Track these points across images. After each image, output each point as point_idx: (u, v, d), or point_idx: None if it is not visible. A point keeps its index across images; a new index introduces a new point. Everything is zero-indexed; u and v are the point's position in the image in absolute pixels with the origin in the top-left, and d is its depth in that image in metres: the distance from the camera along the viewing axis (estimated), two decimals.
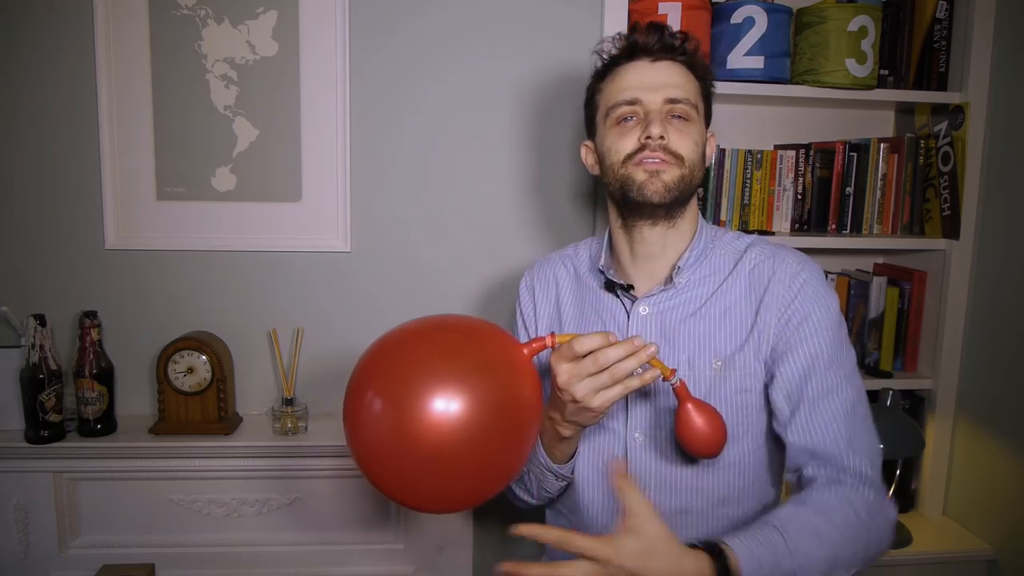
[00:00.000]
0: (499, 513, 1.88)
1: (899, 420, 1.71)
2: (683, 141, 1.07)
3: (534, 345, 0.95)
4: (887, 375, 1.84)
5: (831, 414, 1.02)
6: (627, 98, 1.07)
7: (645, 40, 1.07)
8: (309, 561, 1.64)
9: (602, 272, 1.15)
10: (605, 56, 1.13)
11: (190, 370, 1.62)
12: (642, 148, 1.06)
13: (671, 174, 1.06)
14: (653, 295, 1.12)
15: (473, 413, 0.85)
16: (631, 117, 1.08)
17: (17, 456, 1.56)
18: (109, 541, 1.62)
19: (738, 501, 1.10)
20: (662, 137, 1.04)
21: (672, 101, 1.06)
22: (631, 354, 0.91)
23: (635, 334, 1.10)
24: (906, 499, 1.89)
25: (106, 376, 1.61)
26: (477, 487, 0.92)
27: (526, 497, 1.21)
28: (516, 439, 0.91)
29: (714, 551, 0.86)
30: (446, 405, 0.84)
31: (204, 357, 1.62)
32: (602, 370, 0.91)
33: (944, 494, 1.87)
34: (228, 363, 1.67)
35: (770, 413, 1.09)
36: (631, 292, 1.13)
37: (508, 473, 0.93)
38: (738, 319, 1.09)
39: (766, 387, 1.08)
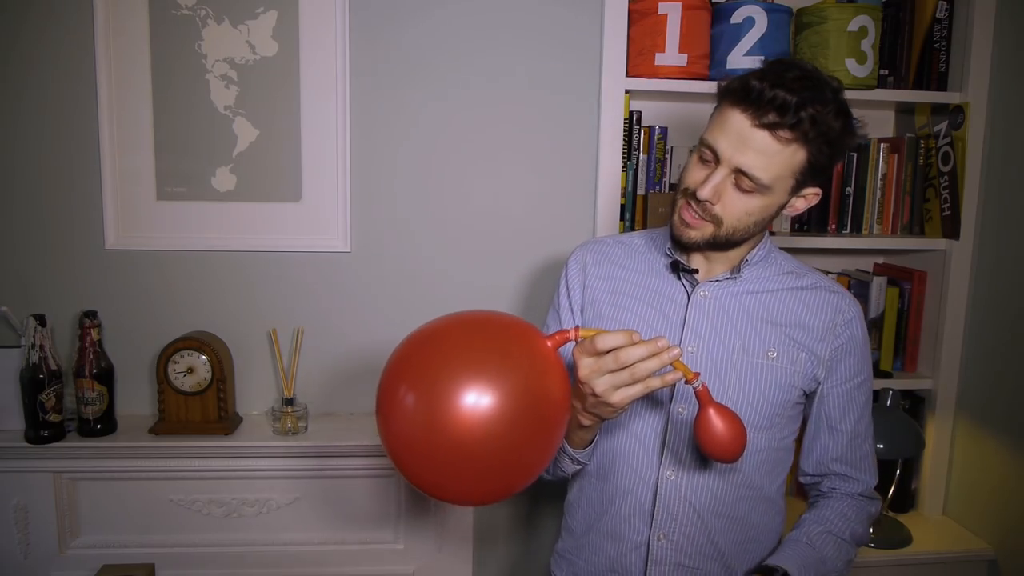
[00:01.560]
0: (499, 513, 1.88)
1: (899, 420, 1.71)
2: (732, 209, 1.04)
3: (556, 337, 0.95)
4: (887, 375, 1.84)
5: (868, 447, 1.21)
6: (709, 143, 1.04)
7: (759, 95, 0.98)
8: (309, 561, 1.65)
9: (668, 255, 1.17)
10: (732, 86, 1.04)
11: (190, 370, 1.62)
12: (694, 193, 1.05)
13: (701, 232, 1.07)
14: (717, 280, 1.14)
15: (503, 407, 0.86)
16: (707, 159, 1.05)
17: (17, 456, 1.56)
18: (109, 541, 1.62)
19: (764, 486, 1.16)
20: (708, 201, 1.04)
21: (740, 172, 1.02)
22: (653, 355, 0.92)
23: (700, 320, 1.13)
24: (906, 499, 1.89)
25: (106, 376, 1.61)
26: (508, 479, 0.93)
27: (543, 474, 1.22)
28: (545, 432, 0.92)
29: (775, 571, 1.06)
30: (476, 399, 0.86)
31: (204, 357, 1.62)
32: (623, 368, 0.92)
33: (944, 494, 1.87)
34: (228, 363, 1.67)
35: (802, 415, 1.20)
36: (694, 276, 1.15)
37: (538, 465, 0.94)
38: (800, 325, 1.13)
39: (807, 395, 1.17)
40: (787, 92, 0.97)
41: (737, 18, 1.65)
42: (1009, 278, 1.69)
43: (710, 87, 1.69)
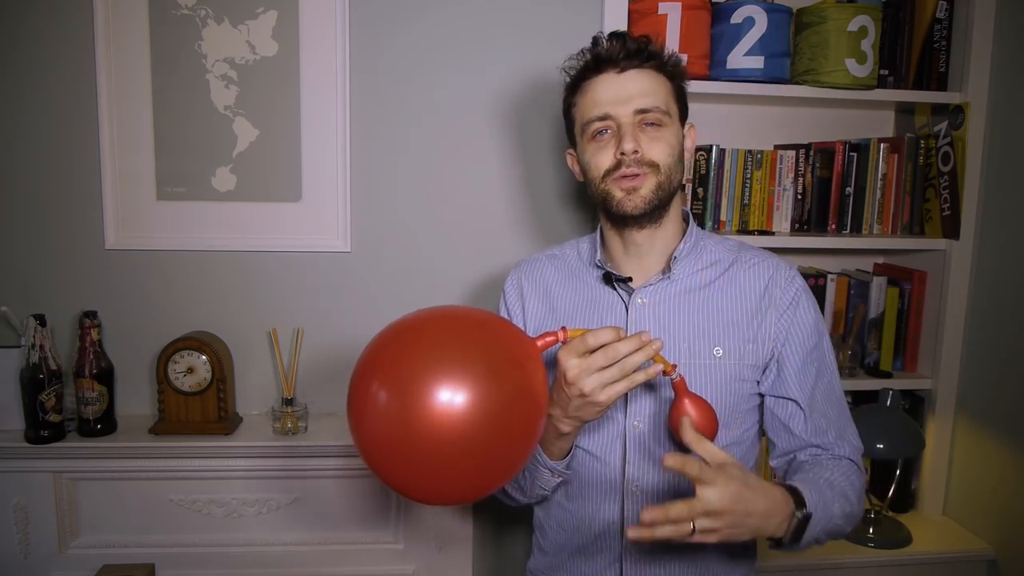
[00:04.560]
0: (499, 512, 1.88)
1: (899, 420, 1.71)
2: (657, 148, 1.08)
3: (548, 339, 0.96)
4: (887, 375, 1.84)
5: (829, 415, 1.13)
6: (599, 114, 1.09)
7: (609, 51, 1.08)
8: (309, 561, 1.65)
9: (599, 266, 1.17)
10: (572, 72, 1.14)
11: (190, 370, 1.62)
12: (619, 164, 1.08)
13: (648, 186, 1.08)
14: (651, 284, 1.14)
15: (481, 405, 0.84)
16: (605, 131, 1.10)
17: (17, 456, 1.56)
18: (109, 541, 1.62)
19: None
20: (636, 151, 1.07)
21: (642, 111, 1.07)
22: (639, 348, 0.94)
23: (643, 329, 1.12)
24: (906, 499, 1.89)
25: (106, 376, 1.61)
26: (483, 479, 0.91)
27: (519, 496, 1.21)
28: (523, 432, 0.90)
29: (788, 487, 0.98)
30: (451, 397, 0.83)
31: (204, 357, 1.62)
32: (611, 364, 0.94)
33: (944, 494, 1.87)
34: (228, 363, 1.67)
35: (760, 404, 1.15)
36: (628, 284, 1.15)
37: (513, 467, 0.93)
38: (739, 312, 1.12)
39: (758, 382, 1.13)
40: (628, 41, 1.08)
41: (737, 18, 1.65)
42: (1009, 278, 1.69)
43: (710, 87, 1.69)
